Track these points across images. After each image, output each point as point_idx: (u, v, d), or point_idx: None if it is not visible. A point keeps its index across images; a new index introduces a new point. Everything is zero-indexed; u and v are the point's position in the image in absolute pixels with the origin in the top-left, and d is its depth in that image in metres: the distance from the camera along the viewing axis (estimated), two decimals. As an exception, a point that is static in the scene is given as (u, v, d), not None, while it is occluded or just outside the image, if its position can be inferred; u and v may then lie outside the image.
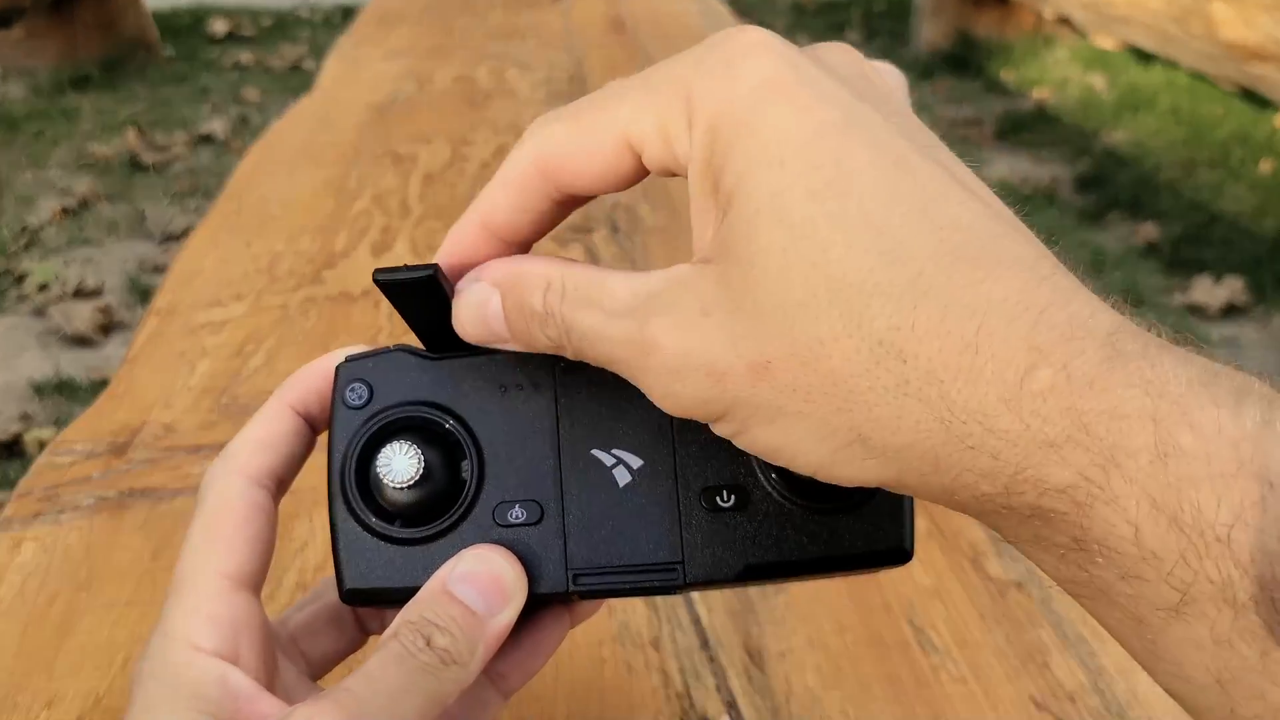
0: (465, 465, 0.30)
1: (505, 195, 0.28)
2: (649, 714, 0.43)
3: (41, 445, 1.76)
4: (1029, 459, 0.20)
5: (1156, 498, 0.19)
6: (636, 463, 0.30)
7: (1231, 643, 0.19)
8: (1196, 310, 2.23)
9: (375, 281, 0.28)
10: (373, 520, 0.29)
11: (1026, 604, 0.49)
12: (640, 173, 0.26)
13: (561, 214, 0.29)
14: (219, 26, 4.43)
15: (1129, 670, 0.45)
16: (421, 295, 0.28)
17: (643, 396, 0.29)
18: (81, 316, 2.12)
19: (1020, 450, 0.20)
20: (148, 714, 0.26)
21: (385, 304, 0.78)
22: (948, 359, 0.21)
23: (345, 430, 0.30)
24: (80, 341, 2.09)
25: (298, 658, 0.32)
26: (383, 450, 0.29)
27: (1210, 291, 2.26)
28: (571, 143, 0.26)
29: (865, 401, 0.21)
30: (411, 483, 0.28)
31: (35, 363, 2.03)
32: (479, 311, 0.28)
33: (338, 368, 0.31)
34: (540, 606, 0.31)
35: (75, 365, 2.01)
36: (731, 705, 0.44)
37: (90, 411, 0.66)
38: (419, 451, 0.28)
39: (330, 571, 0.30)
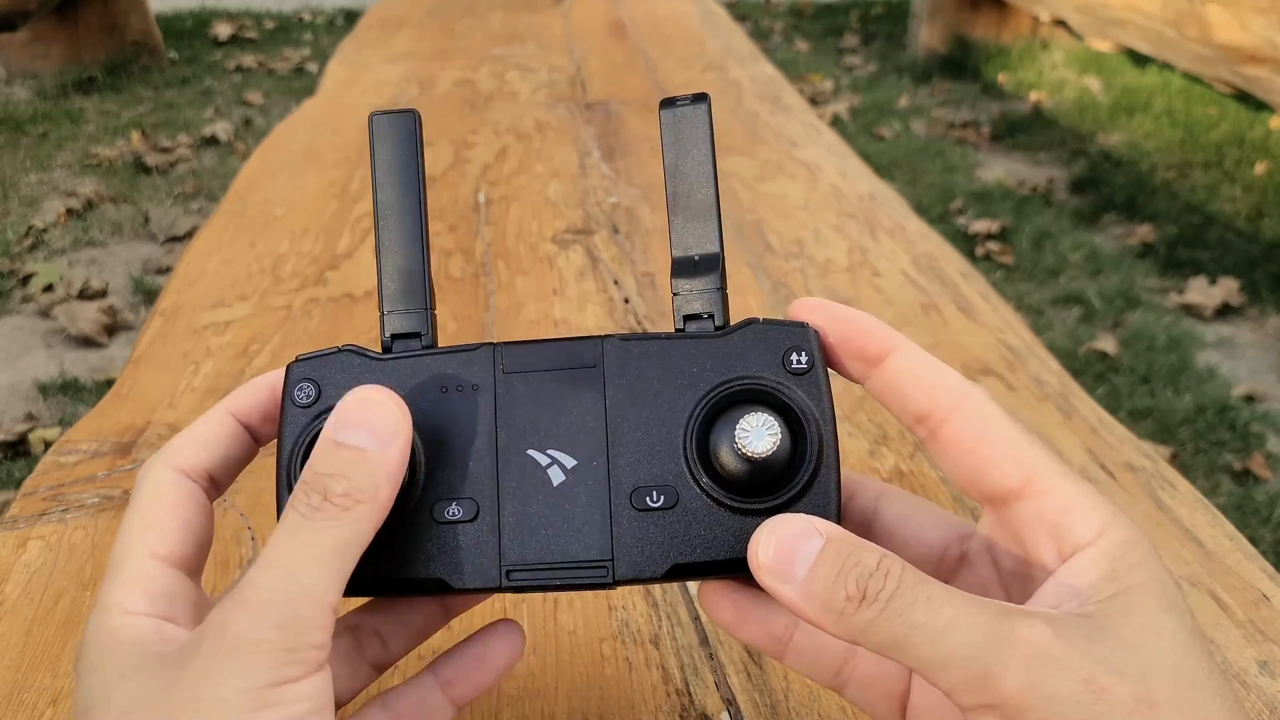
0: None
1: None
2: (649, 710, 0.43)
3: (47, 445, 1.76)
4: None
5: None
6: (570, 463, 0.30)
7: None
8: (1191, 311, 2.23)
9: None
10: None
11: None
12: None
13: None
14: (222, 30, 4.44)
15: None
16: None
17: (580, 398, 0.30)
18: (86, 317, 2.12)
19: None
20: (92, 673, 0.27)
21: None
22: None
23: (294, 427, 0.31)
24: (85, 342, 2.10)
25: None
26: None
27: (1205, 292, 2.26)
28: None
29: None
30: None
31: (40, 363, 2.03)
32: (788, 544, 0.27)
33: (288, 367, 0.32)
34: (476, 599, 0.31)
35: (80, 366, 2.02)
36: (730, 702, 0.44)
37: (95, 411, 0.66)
38: None
39: None
